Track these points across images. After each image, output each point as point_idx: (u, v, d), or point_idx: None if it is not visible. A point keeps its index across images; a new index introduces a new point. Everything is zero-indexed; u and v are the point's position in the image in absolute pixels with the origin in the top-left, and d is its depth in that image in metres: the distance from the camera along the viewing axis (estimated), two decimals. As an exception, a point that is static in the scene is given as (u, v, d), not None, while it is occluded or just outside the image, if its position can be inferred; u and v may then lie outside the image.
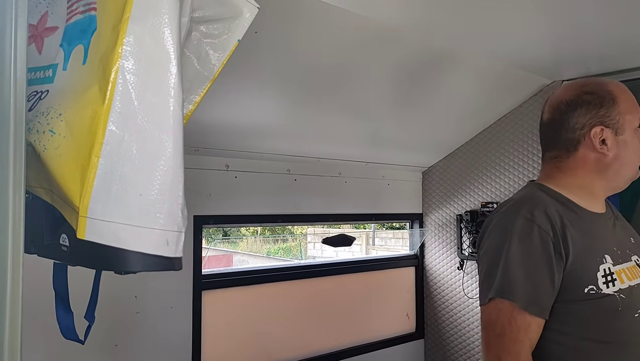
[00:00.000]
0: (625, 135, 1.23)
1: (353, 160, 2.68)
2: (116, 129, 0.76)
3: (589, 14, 1.68)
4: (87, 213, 0.76)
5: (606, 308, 1.15)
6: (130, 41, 0.77)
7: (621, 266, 1.18)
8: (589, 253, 1.17)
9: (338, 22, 1.66)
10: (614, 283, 1.15)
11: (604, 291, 1.14)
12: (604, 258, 1.17)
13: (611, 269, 1.16)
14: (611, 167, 1.23)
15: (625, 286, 1.16)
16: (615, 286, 1.15)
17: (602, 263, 1.16)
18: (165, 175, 0.79)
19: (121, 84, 0.76)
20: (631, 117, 1.24)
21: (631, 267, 1.21)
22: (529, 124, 2.57)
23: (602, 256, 1.17)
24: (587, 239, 1.19)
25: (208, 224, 2.23)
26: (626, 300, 1.15)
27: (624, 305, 1.15)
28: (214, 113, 1.93)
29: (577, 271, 1.15)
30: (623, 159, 1.23)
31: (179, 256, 0.82)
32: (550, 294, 1.14)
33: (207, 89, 0.97)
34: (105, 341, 1.90)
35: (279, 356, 2.45)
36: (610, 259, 1.17)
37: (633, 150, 1.24)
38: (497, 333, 1.14)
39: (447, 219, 2.94)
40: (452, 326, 2.91)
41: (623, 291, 1.15)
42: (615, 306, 1.15)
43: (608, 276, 1.15)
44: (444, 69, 2.14)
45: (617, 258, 1.19)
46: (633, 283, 1.18)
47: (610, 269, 1.16)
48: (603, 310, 1.15)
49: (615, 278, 1.16)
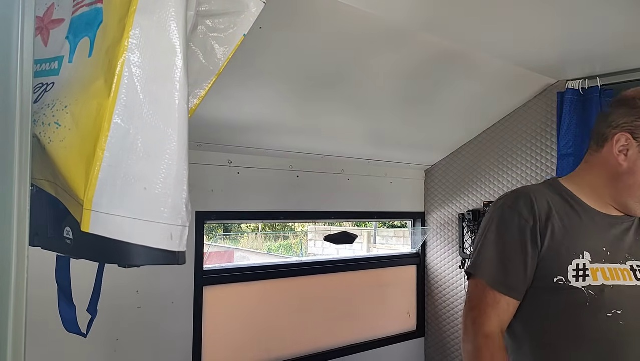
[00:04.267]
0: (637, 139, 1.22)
1: (356, 157, 2.67)
2: (121, 122, 0.76)
3: (595, 13, 1.67)
4: (91, 205, 0.76)
5: (573, 301, 1.20)
6: (136, 34, 0.77)
7: (602, 265, 1.21)
8: (567, 245, 1.22)
9: (343, 18, 1.66)
10: (584, 278, 1.19)
11: (572, 283, 1.19)
12: (582, 254, 1.21)
13: (586, 265, 1.20)
14: (622, 179, 1.24)
15: (598, 283, 1.19)
16: (586, 281, 1.19)
17: (577, 258, 1.21)
18: (169, 168, 0.78)
19: (127, 77, 0.76)
20: None
21: (618, 269, 1.22)
22: (533, 123, 2.56)
23: (581, 251, 1.21)
24: (572, 233, 1.23)
25: (210, 220, 2.23)
26: (595, 297, 1.18)
27: (592, 301, 1.18)
28: (217, 109, 1.93)
29: (550, 260, 1.22)
30: (637, 176, 1.23)
31: (183, 250, 0.81)
32: (522, 277, 1.23)
33: (212, 84, 0.96)
34: (107, 335, 1.91)
35: (279, 352, 2.45)
36: (588, 256, 1.21)
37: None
38: (471, 306, 1.28)
39: (449, 218, 2.94)
40: (452, 325, 2.91)
41: (593, 288, 1.19)
42: (582, 301, 1.19)
43: (580, 271, 1.20)
44: (448, 67, 2.14)
45: (601, 257, 1.22)
46: (609, 283, 1.19)
47: (584, 265, 1.20)
48: (570, 303, 1.20)
49: (587, 274, 1.20)
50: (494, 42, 1.95)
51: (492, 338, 1.23)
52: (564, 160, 2.36)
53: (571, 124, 2.33)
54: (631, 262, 1.25)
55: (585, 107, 2.32)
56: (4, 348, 0.62)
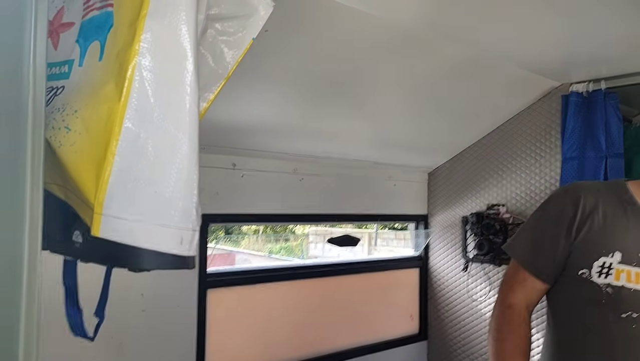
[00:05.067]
0: None
1: (360, 160, 2.67)
2: (132, 126, 0.76)
3: (599, 16, 1.67)
4: (102, 210, 0.76)
5: (591, 296, 1.24)
6: (147, 38, 0.77)
7: (630, 267, 1.22)
8: (601, 243, 1.25)
9: (349, 22, 1.66)
10: (607, 276, 1.23)
11: (593, 279, 1.24)
12: (613, 253, 1.24)
13: (612, 264, 1.23)
14: None
15: (618, 284, 1.22)
16: (607, 279, 1.23)
17: (606, 256, 1.24)
18: (180, 173, 0.79)
19: (138, 81, 0.76)
20: None
21: None
22: (537, 126, 2.56)
23: (613, 250, 1.24)
24: (611, 233, 1.25)
25: (215, 223, 2.23)
26: (612, 296, 1.22)
27: (607, 300, 1.22)
28: (221, 111, 1.92)
29: (581, 252, 1.26)
30: None
31: (193, 254, 0.81)
32: (551, 262, 1.29)
33: (221, 87, 0.96)
34: (111, 338, 1.90)
35: (282, 355, 2.44)
36: (619, 257, 1.23)
37: None
38: (503, 281, 1.39)
39: (453, 221, 2.93)
40: (456, 328, 2.90)
41: (612, 287, 1.22)
42: (599, 298, 1.23)
43: (604, 269, 1.23)
44: (453, 70, 2.14)
45: (633, 260, 1.23)
46: (630, 286, 1.21)
47: (610, 264, 1.23)
48: (588, 298, 1.25)
49: (611, 273, 1.23)
50: (498, 44, 1.95)
51: (514, 308, 1.31)
52: (568, 163, 2.35)
53: (575, 128, 2.33)
54: None
55: (589, 110, 2.32)
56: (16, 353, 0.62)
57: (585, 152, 2.32)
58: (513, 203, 2.65)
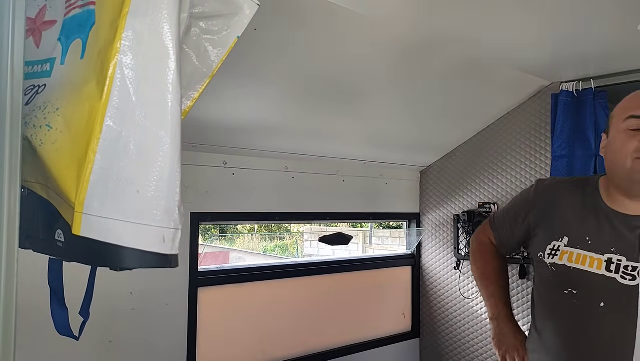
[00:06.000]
0: (610, 136, 1.39)
1: (351, 158, 2.67)
2: (113, 124, 0.76)
3: (588, 15, 1.67)
4: (82, 208, 0.76)
5: (543, 274, 1.47)
6: (128, 36, 0.76)
7: (574, 250, 1.40)
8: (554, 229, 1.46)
9: (338, 20, 1.66)
10: (553, 256, 1.43)
11: (544, 259, 1.45)
12: (562, 238, 1.44)
13: (560, 247, 1.43)
14: (607, 167, 1.42)
15: (560, 262, 1.41)
16: (553, 259, 1.43)
17: (556, 240, 1.44)
18: (162, 171, 0.78)
19: (119, 79, 0.76)
20: (616, 120, 1.37)
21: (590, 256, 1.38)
22: (527, 125, 2.57)
23: (562, 236, 1.44)
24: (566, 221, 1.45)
25: (205, 221, 2.23)
26: (556, 274, 1.42)
27: (554, 277, 1.43)
28: (212, 110, 1.92)
29: (539, 238, 1.49)
30: (609, 158, 1.39)
31: (175, 253, 0.81)
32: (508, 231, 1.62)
33: (205, 86, 0.96)
34: (100, 337, 1.90)
35: (274, 353, 2.45)
36: (566, 240, 1.43)
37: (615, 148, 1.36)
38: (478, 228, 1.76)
39: (444, 219, 2.94)
40: (447, 325, 2.91)
41: (556, 265, 1.42)
42: (547, 275, 1.45)
43: (553, 250, 1.44)
44: (444, 69, 2.14)
45: (577, 243, 1.41)
46: (571, 265, 1.39)
47: (558, 247, 1.43)
48: (542, 276, 1.48)
49: (557, 254, 1.43)
50: (489, 43, 1.95)
51: (485, 242, 1.70)
52: (558, 161, 2.36)
53: (565, 126, 2.34)
54: (612, 255, 1.36)
55: (579, 109, 2.33)
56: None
57: (575, 150, 2.33)
58: (504, 200, 2.66)
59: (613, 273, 1.34)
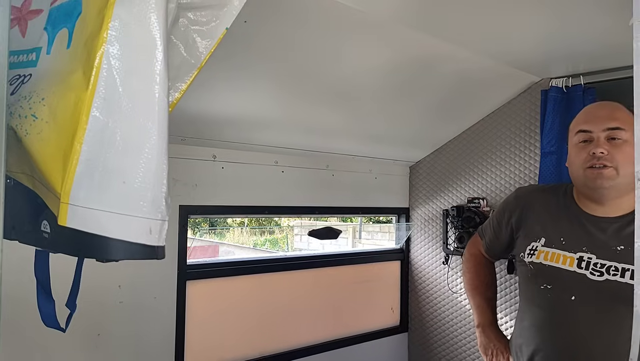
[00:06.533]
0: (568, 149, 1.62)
1: (341, 153, 2.67)
2: (100, 115, 0.75)
3: (578, 11, 1.68)
4: (68, 199, 0.75)
5: (524, 272, 1.63)
6: (115, 26, 0.76)
7: (550, 249, 1.57)
8: (532, 232, 1.64)
9: (329, 14, 1.65)
10: (532, 256, 1.60)
11: (524, 258, 1.62)
12: (539, 239, 1.61)
13: (537, 247, 1.60)
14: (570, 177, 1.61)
15: (538, 261, 1.58)
16: (531, 258, 1.59)
17: (535, 241, 1.62)
18: (149, 163, 0.78)
19: (106, 70, 0.75)
20: (571, 134, 1.61)
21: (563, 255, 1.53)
22: (517, 121, 2.58)
23: (540, 237, 1.61)
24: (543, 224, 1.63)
25: (194, 214, 2.22)
26: (534, 271, 1.58)
27: (532, 274, 1.59)
28: (202, 103, 1.91)
29: (521, 240, 1.67)
30: (569, 169, 1.60)
31: (162, 244, 0.81)
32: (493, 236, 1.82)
33: (194, 77, 0.95)
34: (88, 330, 1.89)
35: (263, 347, 2.45)
36: (542, 241, 1.60)
37: (571, 160, 1.58)
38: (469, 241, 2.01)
39: (434, 214, 2.96)
40: (436, 320, 2.93)
41: (534, 264, 1.59)
42: (527, 273, 1.62)
43: (531, 250, 1.60)
44: (433, 64, 2.14)
45: (552, 244, 1.57)
46: (546, 263, 1.56)
47: (536, 247, 1.60)
48: (524, 274, 1.65)
49: (535, 253, 1.59)
50: (479, 39, 1.96)
51: (475, 254, 1.91)
52: (547, 158, 2.38)
53: (554, 123, 2.35)
54: (583, 254, 1.51)
55: (568, 105, 2.34)
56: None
57: (564, 147, 2.34)
58: (493, 196, 2.68)
59: (583, 270, 1.48)
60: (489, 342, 1.77)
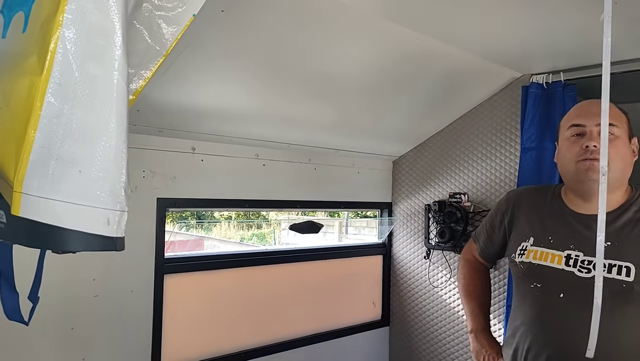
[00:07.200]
0: (559, 144, 1.62)
1: (323, 147, 2.66)
2: (55, 101, 0.73)
3: (557, 8, 1.68)
4: (22, 188, 0.73)
5: (515, 271, 1.66)
6: (72, 9, 0.73)
7: (539, 248, 1.58)
8: (523, 232, 1.65)
9: (312, 6, 1.63)
10: (522, 255, 1.61)
11: (515, 259, 1.63)
12: (529, 239, 1.62)
13: (527, 247, 1.61)
14: (560, 172, 1.62)
15: (527, 260, 1.59)
16: (522, 258, 1.61)
17: (524, 241, 1.63)
18: (107, 151, 0.76)
19: (61, 54, 0.73)
20: (562, 129, 1.60)
21: (551, 254, 1.55)
22: (499, 117, 2.58)
23: (529, 237, 1.63)
24: (532, 224, 1.64)
25: (173, 208, 2.19)
26: (524, 270, 1.60)
27: (523, 274, 1.61)
28: (180, 94, 1.88)
29: (512, 240, 1.70)
30: (559, 164, 1.61)
31: (121, 236, 0.79)
32: (486, 239, 1.84)
33: (159, 64, 0.93)
34: (61, 324, 1.86)
35: (243, 341, 2.43)
36: (532, 240, 1.61)
37: (562, 154, 1.58)
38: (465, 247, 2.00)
39: (416, 209, 2.96)
40: (417, 314, 2.93)
41: (524, 263, 1.60)
42: (518, 272, 1.63)
43: (521, 250, 1.62)
44: (416, 59, 2.13)
45: (541, 242, 1.59)
46: (535, 262, 1.57)
47: (526, 247, 1.61)
48: (515, 272, 1.66)
49: (525, 253, 1.60)
50: (462, 35, 1.95)
51: (470, 260, 1.93)
52: (527, 154, 2.38)
53: (535, 118, 2.35)
54: (571, 252, 1.52)
55: (548, 101, 2.35)
56: None
57: (544, 143, 2.35)
58: (474, 192, 2.68)
59: (571, 268, 1.50)
60: (481, 348, 1.78)
